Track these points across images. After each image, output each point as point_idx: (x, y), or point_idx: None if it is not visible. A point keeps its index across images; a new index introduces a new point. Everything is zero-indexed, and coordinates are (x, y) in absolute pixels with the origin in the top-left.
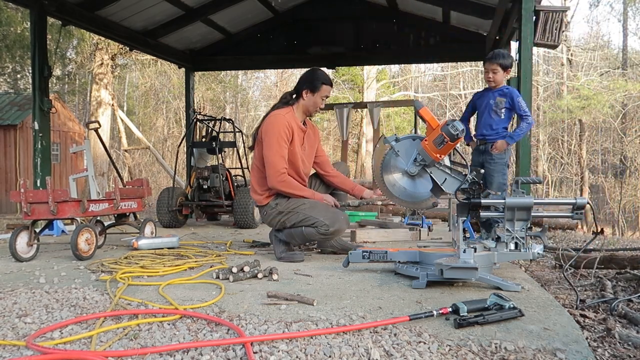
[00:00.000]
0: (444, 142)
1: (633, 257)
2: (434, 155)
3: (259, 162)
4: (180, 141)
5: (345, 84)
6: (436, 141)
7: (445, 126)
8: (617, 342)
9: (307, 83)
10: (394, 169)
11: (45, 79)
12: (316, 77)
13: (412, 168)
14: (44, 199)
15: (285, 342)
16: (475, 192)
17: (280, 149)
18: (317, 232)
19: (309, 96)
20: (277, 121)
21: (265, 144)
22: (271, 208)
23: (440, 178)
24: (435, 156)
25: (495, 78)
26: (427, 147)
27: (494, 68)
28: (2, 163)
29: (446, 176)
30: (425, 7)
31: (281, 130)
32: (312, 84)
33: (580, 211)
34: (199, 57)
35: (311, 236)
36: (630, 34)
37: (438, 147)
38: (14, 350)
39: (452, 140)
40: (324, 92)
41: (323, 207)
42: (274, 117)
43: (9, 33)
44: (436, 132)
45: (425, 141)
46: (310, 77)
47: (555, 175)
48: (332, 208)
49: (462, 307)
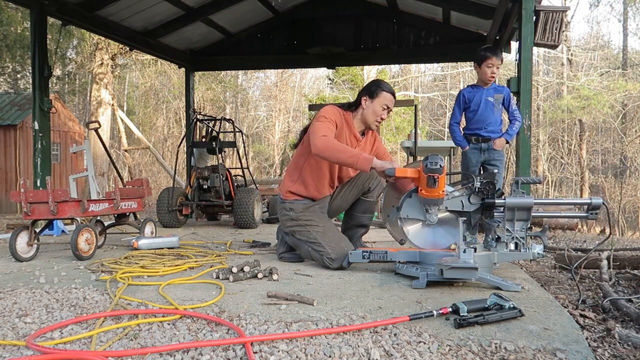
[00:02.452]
0: (436, 180)
1: (633, 257)
2: (437, 194)
3: (298, 155)
4: (180, 141)
5: (345, 84)
6: (429, 184)
7: (425, 168)
8: (617, 342)
9: (365, 90)
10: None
11: (46, 79)
12: (375, 84)
13: (431, 217)
14: (44, 199)
15: (285, 342)
16: (489, 192)
17: (328, 125)
18: (321, 260)
19: (367, 103)
20: (330, 109)
21: (313, 123)
22: (286, 210)
23: (458, 205)
24: (438, 194)
25: (497, 73)
26: (427, 194)
27: (500, 63)
28: (2, 163)
29: (461, 199)
30: (425, 7)
31: (334, 115)
32: (370, 89)
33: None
34: (199, 57)
35: (315, 260)
36: (630, 34)
37: (434, 186)
38: (14, 350)
39: (440, 172)
40: (384, 99)
41: (335, 237)
42: (330, 106)
43: (9, 33)
44: (422, 178)
45: (421, 191)
46: (369, 84)
47: (555, 175)
48: (344, 240)
49: (462, 307)
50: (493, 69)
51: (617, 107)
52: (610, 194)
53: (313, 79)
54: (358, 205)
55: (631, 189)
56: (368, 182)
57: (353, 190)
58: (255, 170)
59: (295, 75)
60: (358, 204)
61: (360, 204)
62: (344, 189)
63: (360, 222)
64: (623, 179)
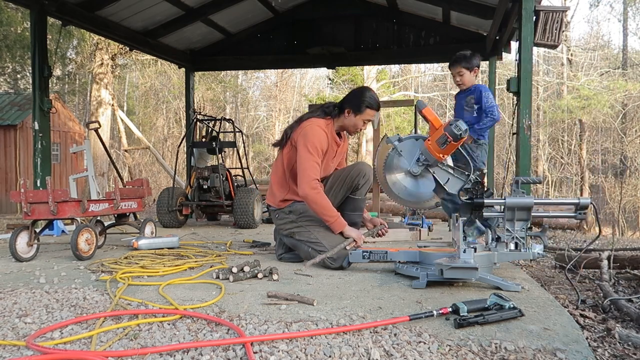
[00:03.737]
0: (447, 142)
1: (633, 257)
2: (437, 155)
3: (284, 163)
4: (180, 141)
5: (345, 84)
6: (439, 141)
7: (449, 126)
8: (617, 342)
9: (352, 102)
10: (397, 168)
11: (46, 79)
12: (362, 100)
13: (415, 168)
14: (44, 199)
15: (285, 342)
16: (478, 192)
17: (317, 159)
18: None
19: (351, 116)
20: (318, 133)
21: (302, 151)
22: (285, 214)
23: (443, 178)
24: (438, 156)
25: (463, 80)
26: (430, 147)
27: (459, 71)
28: (2, 163)
29: (449, 176)
30: (425, 7)
31: (322, 143)
32: (357, 105)
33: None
34: (199, 57)
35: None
36: (630, 34)
37: (441, 147)
38: (14, 350)
39: (455, 140)
40: (367, 116)
41: (336, 237)
42: (315, 127)
43: (9, 33)
44: (439, 132)
45: (428, 141)
46: (356, 97)
47: (555, 175)
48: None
49: (462, 307)
50: (456, 78)
51: (617, 107)
52: (610, 194)
53: (313, 79)
54: (347, 203)
55: (631, 189)
56: (357, 179)
57: (342, 188)
58: (255, 170)
59: (295, 75)
60: (347, 203)
61: (349, 202)
62: (334, 186)
63: (351, 220)
64: (623, 178)
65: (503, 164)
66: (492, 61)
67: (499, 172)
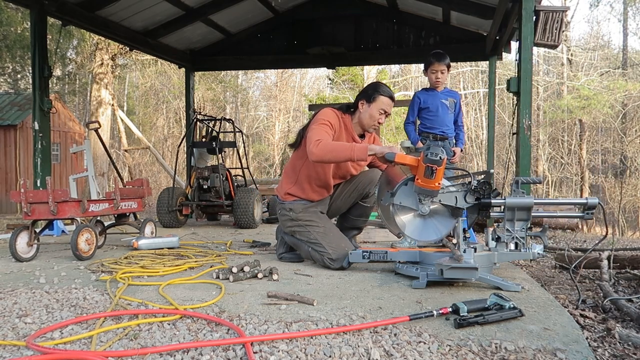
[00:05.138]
0: (434, 171)
1: (633, 257)
2: (432, 186)
3: (296, 158)
4: (180, 141)
5: (345, 84)
6: (426, 174)
7: (425, 157)
8: (617, 342)
9: (363, 93)
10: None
11: (46, 79)
12: (373, 87)
13: (423, 208)
14: (44, 199)
15: (285, 342)
16: (485, 192)
17: (324, 128)
18: (322, 260)
19: (365, 107)
20: (327, 112)
21: (310, 128)
22: (286, 210)
23: (452, 200)
24: (434, 186)
25: (444, 78)
26: (423, 184)
27: (443, 68)
28: (2, 163)
29: (455, 195)
30: (426, 7)
31: (330, 118)
32: (368, 93)
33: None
34: (199, 57)
35: (315, 260)
36: (630, 34)
37: (431, 177)
38: (14, 350)
39: (439, 164)
40: (382, 104)
41: (336, 237)
42: (328, 109)
43: (9, 33)
44: (421, 167)
45: (417, 180)
46: (367, 88)
47: (555, 175)
48: (344, 240)
49: (462, 307)
50: (437, 74)
51: (617, 107)
52: (610, 194)
53: (313, 79)
54: (355, 209)
55: (631, 189)
56: (368, 187)
57: (353, 193)
58: (255, 170)
59: (295, 75)
60: (355, 208)
61: (357, 208)
62: (345, 191)
63: (355, 225)
64: (623, 178)
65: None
66: (492, 61)
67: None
